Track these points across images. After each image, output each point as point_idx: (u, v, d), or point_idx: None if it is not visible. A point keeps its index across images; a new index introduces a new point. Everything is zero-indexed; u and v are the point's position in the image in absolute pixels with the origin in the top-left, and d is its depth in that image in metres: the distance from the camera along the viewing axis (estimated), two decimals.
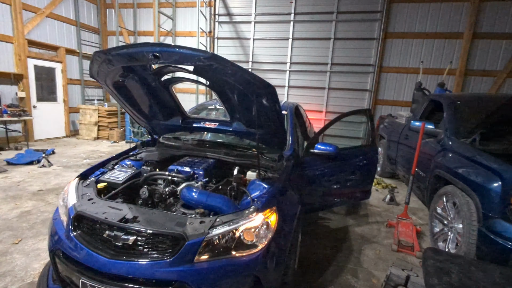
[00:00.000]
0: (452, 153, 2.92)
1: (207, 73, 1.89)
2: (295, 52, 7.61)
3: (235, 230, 1.53)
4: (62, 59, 8.10)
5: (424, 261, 1.77)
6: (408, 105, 6.75)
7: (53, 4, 7.69)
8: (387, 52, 7.14)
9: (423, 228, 3.46)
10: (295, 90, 7.77)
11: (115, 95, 2.29)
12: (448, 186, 2.81)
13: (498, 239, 2.14)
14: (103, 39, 9.59)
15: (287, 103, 3.50)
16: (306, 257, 2.70)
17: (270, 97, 1.87)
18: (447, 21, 6.68)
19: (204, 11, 7.99)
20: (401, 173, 4.48)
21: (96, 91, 9.64)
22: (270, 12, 7.64)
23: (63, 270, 1.65)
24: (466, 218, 2.44)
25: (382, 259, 2.77)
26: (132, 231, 1.50)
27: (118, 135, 8.18)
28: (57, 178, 4.65)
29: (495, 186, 2.23)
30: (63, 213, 1.77)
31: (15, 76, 6.78)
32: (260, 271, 1.53)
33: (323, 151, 2.71)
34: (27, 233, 2.88)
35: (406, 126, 4.45)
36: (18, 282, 2.18)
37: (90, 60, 1.91)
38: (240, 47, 8.10)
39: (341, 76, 7.37)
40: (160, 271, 1.40)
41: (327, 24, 7.27)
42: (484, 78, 6.66)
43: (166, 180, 2.08)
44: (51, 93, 8.02)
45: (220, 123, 2.60)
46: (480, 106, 3.38)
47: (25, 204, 3.57)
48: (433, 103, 4.06)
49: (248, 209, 1.65)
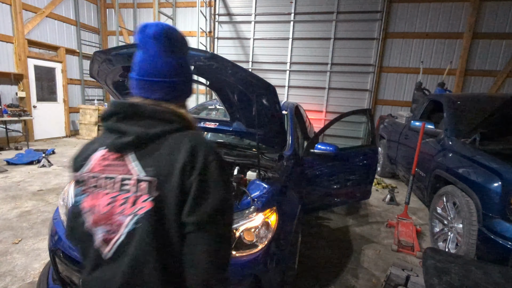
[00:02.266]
0: (452, 153, 2.92)
1: (207, 73, 1.89)
2: (295, 52, 7.61)
3: (235, 230, 1.53)
4: (62, 59, 8.10)
5: (424, 261, 1.77)
6: (408, 105, 6.75)
7: (53, 4, 7.68)
8: (387, 52, 7.14)
9: (423, 228, 3.46)
10: (295, 90, 7.77)
11: (115, 95, 2.29)
12: (448, 186, 2.81)
13: (498, 239, 2.14)
14: (103, 39, 9.60)
15: (287, 103, 3.49)
16: (306, 257, 2.70)
17: (270, 97, 1.87)
18: (447, 21, 6.68)
19: (204, 11, 7.99)
20: (401, 173, 4.48)
21: (96, 91, 9.64)
22: (270, 12, 7.64)
23: (63, 270, 1.65)
24: (466, 218, 2.44)
25: (382, 259, 2.77)
26: None
27: None
28: (57, 178, 4.65)
29: (495, 186, 2.23)
30: (63, 213, 1.77)
31: (15, 76, 6.78)
32: (260, 271, 1.53)
33: (323, 151, 2.71)
34: (27, 233, 2.89)
35: (406, 126, 4.46)
36: (18, 282, 2.18)
37: (90, 60, 1.91)
38: (240, 47, 8.10)
39: (341, 76, 7.37)
40: None
41: (327, 24, 7.27)
42: (484, 78, 6.66)
43: None
44: (51, 93, 8.02)
45: (220, 123, 2.60)
46: (480, 106, 3.38)
47: (25, 204, 3.58)
48: (433, 103, 4.07)
49: (248, 209, 1.65)
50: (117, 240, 0.71)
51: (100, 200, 0.73)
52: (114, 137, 0.75)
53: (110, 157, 0.75)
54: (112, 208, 0.72)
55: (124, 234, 0.70)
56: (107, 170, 0.74)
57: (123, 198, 0.71)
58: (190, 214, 0.68)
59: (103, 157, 0.76)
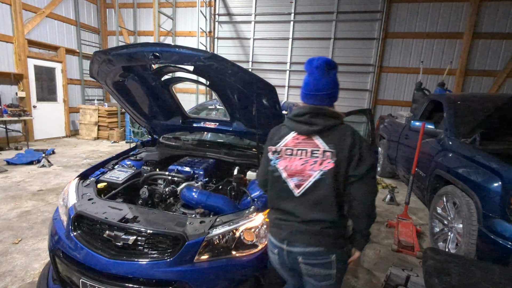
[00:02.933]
0: (452, 153, 2.92)
1: (207, 73, 1.89)
2: (295, 52, 7.61)
3: (235, 230, 1.53)
4: (62, 59, 8.10)
5: (424, 261, 1.77)
6: (408, 105, 6.75)
7: (53, 4, 7.68)
8: (387, 52, 7.14)
9: (423, 228, 3.46)
10: (295, 90, 7.77)
11: (115, 95, 2.29)
12: (448, 186, 2.81)
13: (498, 239, 2.14)
14: (103, 39, 9.59)
15: (287, 103, 3.49)
16: None
17: (270, 97, 1.87)
18: (447, 21, 6.68)
19: (204, 11, 7.98)
20: (401, 173, 4.48)
21: (96, 91, 9.64)
22: (270, 12, 7.64)
23: (63, 270, 1.65)
24: (466, 218, 2.44)
25: (382, 259, 2.77)
26: (132, 231, 1.50)
27: (118, 135, 8.18)
28: (57, 178, 4.65)
29: (495, 186, 2.23)
30: (63, 213, 1.77)
31: (15, 76, 6.78)
32: (260, 271, 1.53)
33: None
34: (27, 233, 2.88)
35: (406, 126, 4.45)
36: (18, 282, 2.18)
37: (90, 60, 1.91)
38: (240, 47, 8.10)
39: (341, 76, 7.36)
40: (160, 271, 1.40)
41: (327, 24, 7.27)
42: (484, 78, 6.66)
43: (166, 180, 2.08)
44: (51, 93, 8.02)
45: (220, 123, 2.60)
46: (480, 106, 3.38)
47: (25, 204, 3.57)
48: (433, 103, 4.06)
49: (248, 209, 1.65)
50: (306, 185, 1.22)
51: (294, 162, 1.24)
52: (304, 126, 1.24)
53: (300, 138, 1.26)
54: (305, 166, 1.22)
55: (311, 182, 1.21)
56: (299, 145, 1.25)
57: (313, 161, 1.21)
58: (355, 170, 1.19)
59: (294, 138, 1.27)
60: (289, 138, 1.28)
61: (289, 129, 1.30)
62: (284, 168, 1.26)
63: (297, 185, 1.23)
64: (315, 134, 1.23)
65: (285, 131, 1.31)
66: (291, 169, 1.24)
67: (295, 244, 1.22)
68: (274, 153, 1.30)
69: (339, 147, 1.19)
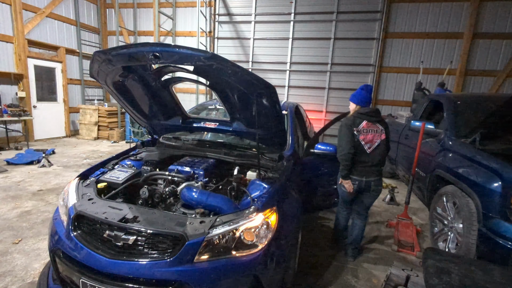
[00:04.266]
0: (452, 153, 2.92)
1: (207, 73, 1.89)
2: (295, 52, 7.61)
3: (235, 230, 1.53)
4: (62, 59, 8.10)
5: (424, 261, 1.77)
6: (408, 105, 6.75)
7: (53, 4, 7.69)
8: (387, 52, 7.14)
9: (423, 228, 3.46)
10: (295, 90, 7.78)
11: (115, 95, 2.29)
12: (448, 186, 2.81)
13: (498, 239, 2.14)
14: (103, 39, 9.60)
15: (287, 103, 3.49)
16: (306, 257, 2.70)
17: (270, 97, 1.87)
18: (447, 21, 6.69)
19: (204, 11, 7.99)
20: (401, 173, 4.48)
21: (96, 91, 9.64)
22: (270, 12, 7.64)
23: (63, 270, 1.64)
24: (466, 218, 2.44)
25: (382, 259, 2.77)
26: (132, 231, 1.50)
27: (118, 135, 8.19)
28: (57, 178, 4.66)
29: (495, 186, 2.23)
30: (63, 213, 1.77)
31: (15, 76, 6.78)
32: (260, 271, 1.53)
33: (323, 151, 2.71)
34: (27, 233, 2.89)
35: (406, 126, 4.45)
36: (18, 282, 2.18)
37: (90, 60, 1.91)
38: (240, 47, 8.10)
39: (341, 76, 7.37)
40: (160, 271, 1.40)
41: (327, 24, 7.27)
42: (484, 78, 6.67)
43: (166, 180, 2.08)
44: (51, 93, 8.02)
45: (220, 123, 2.60)
46: (480, 106, 3.38)
47: (25, 204, 3.58)
48: (433, 103, 4.06)
49: (248, 209, 1.65)
50: (373, 147, 2.45)
51: (369, 136, 2.43)
52: (372, 118, 2.45)
53: (369, 124, 2.44)
54: (374, 138, 2.45)
55: (375, 145, 2.45)
56: (370, 127, 2.44)
57: (378, 135, 2.46)
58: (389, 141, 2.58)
59: (366, 123, 2.44)
60: (363, 124, 2.43)
61: (361, 120, 2.44)
62: (363, 139, 2.42)
63: (369, 147, 2.43)
64: (376, 122, 2.46)
65: (359, 121, 2.43)
66: (366, 139, 2.42)
67: (369, 177, 2.46)
68: (358, 132, 2.41)
69: (386, 129, 2.49)
